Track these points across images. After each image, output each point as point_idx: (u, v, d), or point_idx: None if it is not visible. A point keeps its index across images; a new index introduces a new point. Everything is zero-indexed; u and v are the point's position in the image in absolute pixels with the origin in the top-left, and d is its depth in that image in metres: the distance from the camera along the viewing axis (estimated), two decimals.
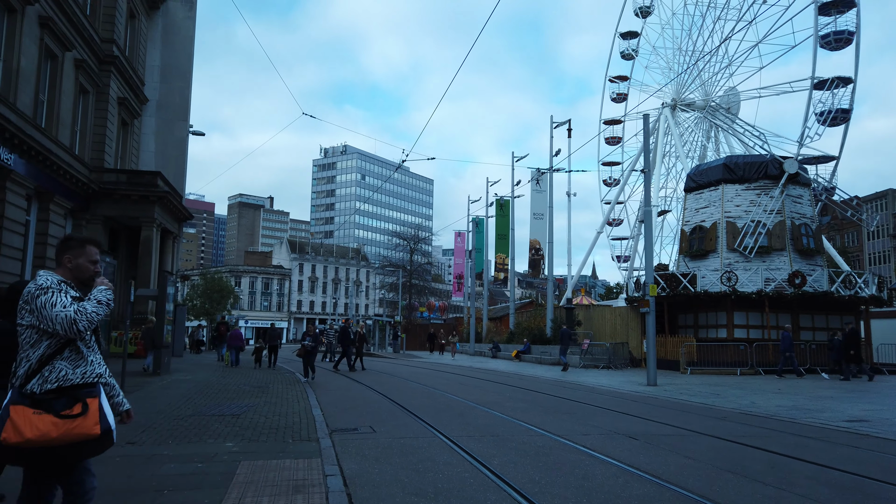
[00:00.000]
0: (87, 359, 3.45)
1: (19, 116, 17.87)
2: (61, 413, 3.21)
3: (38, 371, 3.29)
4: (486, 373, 22.80)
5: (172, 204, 26.59)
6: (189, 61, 30.74)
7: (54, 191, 20.76)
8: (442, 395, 13.92)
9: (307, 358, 18.56)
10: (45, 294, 3.33)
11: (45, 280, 3.42)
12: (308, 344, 18.94)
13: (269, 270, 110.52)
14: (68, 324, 3.23)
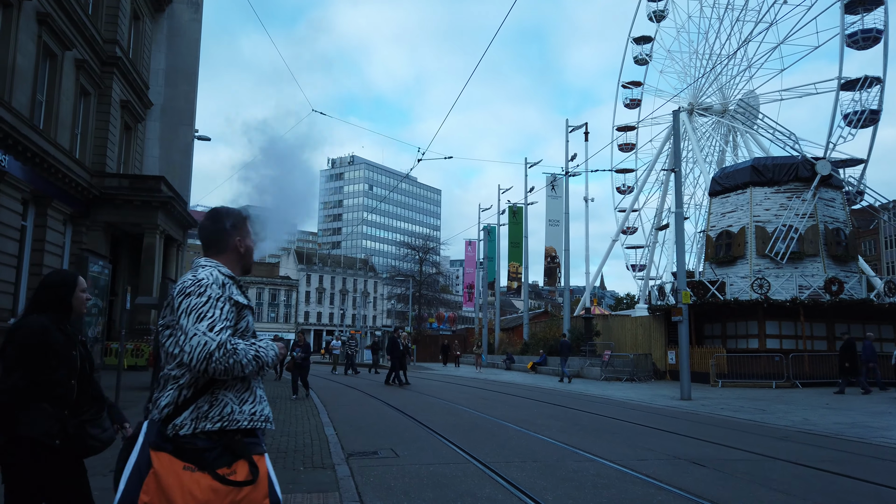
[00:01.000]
0: (255, 391, 2.46)
1: (15, 116, 16.94)
2: (224, 476, 2.23)
3: (192, 400, 2.31)
4: (504, 385, 21.62)
5: (177, 210, 25.62)
6: (195, 65, 29.89)
7: (52, 195, 19.80)
8: (465, 412, 12.76)
9: (298, 372, 16.10)
10: (199, 297, 2.33)
11: (209, 275, 2.41)
12: (299, 356, 16.15)
13: (276, 281, 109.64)
14: (200, 357, 2.22)
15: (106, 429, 3.12)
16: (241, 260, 2.63)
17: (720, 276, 24.62)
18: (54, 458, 2.85)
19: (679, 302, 17.53)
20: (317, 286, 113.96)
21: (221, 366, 2.22)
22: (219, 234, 2.59)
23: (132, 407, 11.67)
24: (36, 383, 2.83)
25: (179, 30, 29.47)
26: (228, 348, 2.24)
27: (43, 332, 2.90)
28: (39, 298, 3.04)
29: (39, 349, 2.86)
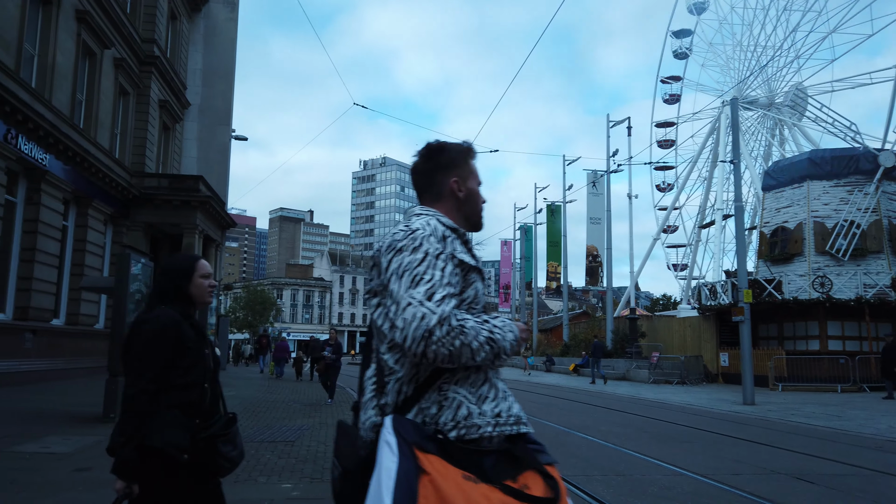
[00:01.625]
0: (495, 384, 1.77)
1: (55, 115, 16.79)
2: (521, 491, 1.54)
3: (414, 400, 1.68)
4: (551, 388, 20.84)
5: (215, 210, 25.41)
6: (231, 64, 29.75)
7: (93, 195, 19.67)
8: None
9: (328, 374, 14.55)
10: (413, 253, 1.69)
11: (424, 224, 1.77)
12: (329, 356, 14.55)
13: (311, 283, 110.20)
14: (417, 335, 1.57)
15: (237, 446, 2.62)
16: (461, 208, 1.95)
17: (776, 275, 23.44)
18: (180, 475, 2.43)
19: (740, 301, 16.54)
20: (350, 287, 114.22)
21: (445, 349, 1.56)
22: (430, 175, 1.95)
23: None
24: (166, 387, 2.43)
25: (216, 29, 29.35)
26: (454, 325, 1.57)
27: (174, 326, 2.48)
28: (162, 287, 2.63)
29: (170, 347, 2.45)
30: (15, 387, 14.34)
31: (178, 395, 2.44)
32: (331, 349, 14.69)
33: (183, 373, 2.47)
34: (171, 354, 2.45)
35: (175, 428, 2.39)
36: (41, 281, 16.43)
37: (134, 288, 10.29)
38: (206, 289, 2.66)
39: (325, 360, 14.55)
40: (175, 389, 2.44)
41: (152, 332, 2.46)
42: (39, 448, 7.32)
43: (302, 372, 25.33)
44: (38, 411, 10.49)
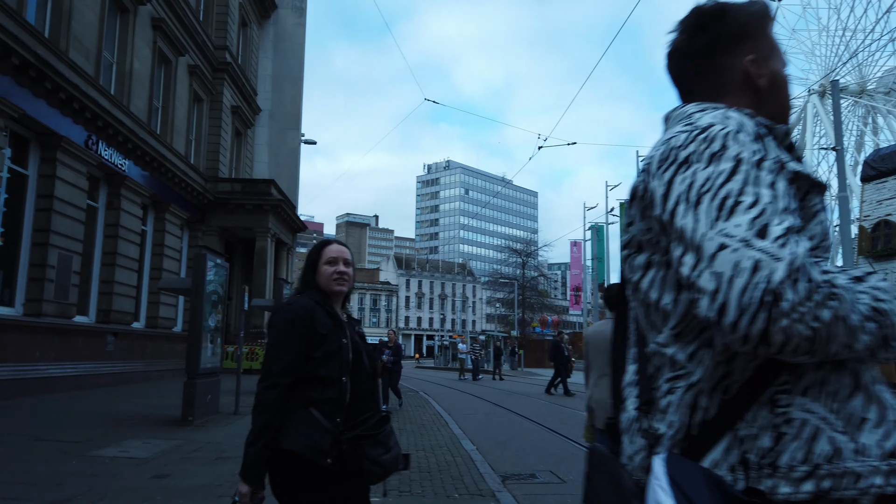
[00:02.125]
0: (879, 397, 0.96)
1: (133, 121, 17.07)
2: None
3: (724, 424, 0.95)
4: None
5: (286, 213, 25.57)
6: (300, 69, 29.99)
7: (170, 200, 19.99)
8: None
9: (388, 378, 13.46)
10: (715, 163, 0.96)
11: (722, 119, 1.02)
12: (388, 359, 13.39)
13: (377, 287, 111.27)
14: (750, 294, 0.84)
15: (390, 448, 2.32)
16: (762, 103, 1.15)
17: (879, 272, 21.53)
18: (324, 482, 2.15)
19: None
20: (416, 291, 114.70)
21: (804, 327, 0.84)
22: (708, 56, 1.19)
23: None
24: (301, 381, 2.22)
25: (285, 35, 29.65)
26: (818, 280, 0.85)
27: (306, 314, 2.27)
28: (302, 275, 2.51)
29: (300, 336, 2.24)
30: (97, 389, 14.54)
31: (314, 391, 2.20)
32: (390, 352, 13.57)
33: (318, 365, 2.21)
34: (304, 344, 2.22)
35: (313, 428, 2.14)
36: (122, 284, 16.70)
37: (210, 288, 10.09)
38: (331, 276, 2.40)
39: (384, 364, 13.15)
40: (311, 384, 2.20)
41: (283, 321, 2.28)
42: (119, 452, 7.09)
43: None
44: (119, 414, 10.43)
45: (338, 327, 2.33)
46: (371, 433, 2.23)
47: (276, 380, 2.17)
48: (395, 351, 13.52)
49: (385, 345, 13.82)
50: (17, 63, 11.69)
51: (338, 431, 2.17)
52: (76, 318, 14.63)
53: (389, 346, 13.70)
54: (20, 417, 9.51)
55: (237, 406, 11.01)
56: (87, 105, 14.25)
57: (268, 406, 2.15)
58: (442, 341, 67.89)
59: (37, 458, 6.56)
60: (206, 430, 8.97)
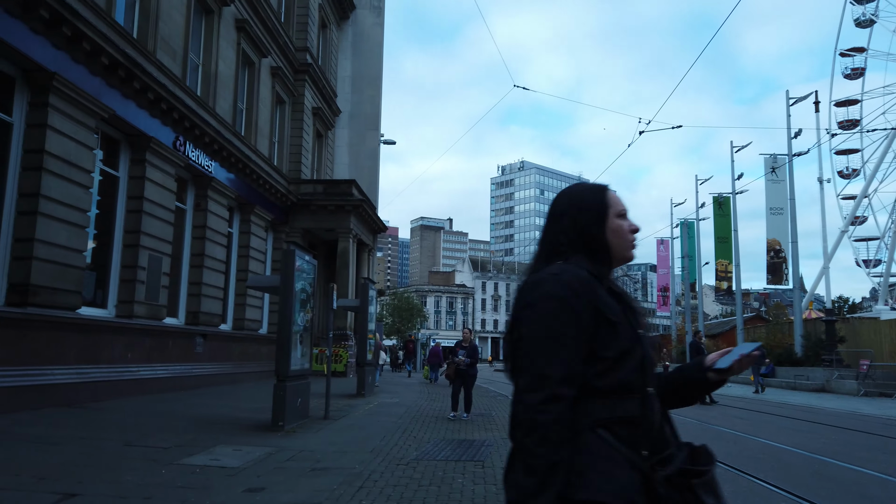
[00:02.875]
0: None
1: (219, 122, 17.03)
2: None
3: None
4: (747, 402, 18.14)
5: (367, 214, 25.26)
6: (378, 68, 29.74)
7: (255, 202, 19.96)
8: (743, 438, 9.98)
9: (462, 382, 11.50)
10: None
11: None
12: (462, 361, 11.53)
13: (453, 289, 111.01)
14: None
15: (720, 497, 1.47)
16: None
17: None
18: None
19: None
20: (492, 294, 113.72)
21: None
22: None
23: (342, 417, 10.39)
24: (586, 392, 1.44)
25: (363, 35, 29.48)
26: None
27: (586, 290, 1.48)
28: (557, 237, 1.63)
29: (583, 324, 1.45)
30: (186, 391, 14.44)
31: (604, 407, 1.44)
32: (465, 353, 11.65)
33: (610, 368, 1.45)
34: (588, 336, 1.45)
35: (615, 463, 1.37)
36: (210, 286, 16.65)
37: (299, 286, 9.58)
38: (628, 236, 1.63)
39: (457, 364, 11.49)
40: (598, 396, 1.45)
41: (551, 299, 1.46)
42: (209, 460, 6.58)
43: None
44: (208, 417, 10.07)
45: (629, 312, 1.53)
46: (699, 469, 1.44)
47: (556, 389, 1.39)
48: (470, 352, 11.67)
49: (460, 345, 11.95)
50: (106, 63, 11.62)
51: (648, 468, 1.40)
52: (166, 320, 14.59)
53: (464, 346, 11.79)
54: (113, 420, 9.27)
55: (327, 410, 10.46)
56: (174, 105, 14.19)
57: (551, 431, 1.36)
58: None
59: (127, 467, 6.11)
60: (298, 436, 8.42)
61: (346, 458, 6.95)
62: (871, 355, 22.19)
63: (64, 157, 10.69)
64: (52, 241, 10.40)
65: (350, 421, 10.27)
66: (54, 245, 10.44)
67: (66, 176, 10.75)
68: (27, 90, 10.40)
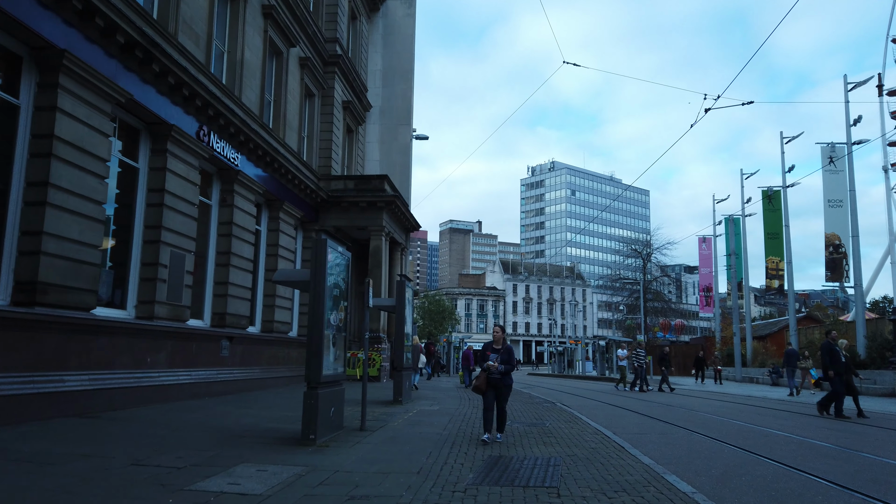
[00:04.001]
0: None
1: (245, 113, 16.10)
2: None
3: None
4: (811, 408, 16.57)
5: (400, 210, 24.20)
6: (410, 61, 28.73)
7: (283, 198, 19.03)
8: (831, 449, 8.59)
9: (495, 394, 8.63)
10: None
11: None
12: (496, 367, 8.55)
13: (484, 292, 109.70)
14: None
15: None
16: None
17: None
18: None
19: None
20: (523, 296, 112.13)
21: None
22: None
23: (379, 427, 9.25)
24: None
25: (394, 27, 28.50)
26: None
27: None
28: None
29: None
30: (211, 397, 13.50)
31: None
32: (497, 356, 8.70)
33: None
34: None
35: None
36: (237, 286, 15.72)
37: (331, 281, 8.50)
38: None
39: (490, 372, 8.58)
40: None
41: None
42: (227, 485, 5.49)
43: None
44: (232, 428, 9.04)
45: None
46: None
47: None
48: (504, 356, 8.62)
49: (490, 347, 8.90)
50: (122, 42, 10.72)
51: None
52: (189, 322, 13.66)
53: (496, 349, 8.79)
54: (126, 432, 8.28)
55: (363, 421, 9.34)
56: (197, 92, 13.28)
57: None
58: (555, 347, 64.95)
59: (127, 494, 5.06)
60: (332, 452, 7.31)
61: (389, 482, 5.81)
62: None
63: (76, 143, 9.79)
64: (64, 234, 9.50)
65: (389, 433, 9.13)
66: (65, 239, 9.53)
67: (79, 164, 9.85)
68: (35, 70, 9.53)
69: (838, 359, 13.49)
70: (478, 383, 8.68)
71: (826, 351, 13.83)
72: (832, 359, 13.54)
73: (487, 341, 9.30)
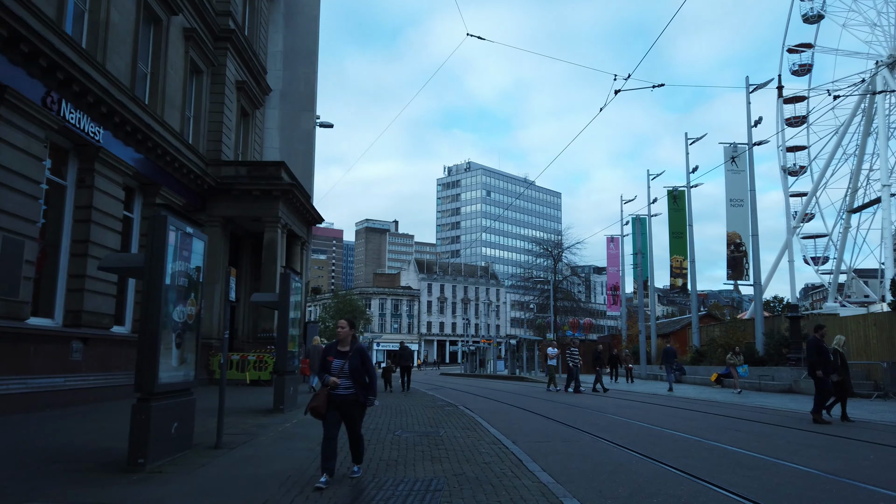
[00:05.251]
0: None
1: (110, 82, 14.09)
2: None
3: None
4: (723, 408, 16.30)
5: (299, 201, 22.49)
6: (314, 44, 27.03)
7: (162, 182, 17.00)
8: (736, 455, 7.87)
9: (340, 417, 6.12)
10: None
11: None
12: (335, 382, 6.02)
13: (398, 292, 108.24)
14: None
15: None
16: None
17: None
18: None
19: None
20: (438, 296, 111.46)
21: None
22: None
23: (246, 441, 7.74)
24: None
25: (297, 6, 26.72)
26: None
27: None
28: None
29: None
30: (57, 409, 11.52)
31: None
32: (343, 363, 6.18)
33: None
34: None
35: None
36: (97, 280, 13.67)
37: (176, 269, 6.99)
38: None
39: (329, 388, 6.08)
40: None
41: None
42: None
43: (391, 382, 22.23)
44: (52, 449, 7.35)
45: None
46: None
47: None
48: (354, 361, 6.11)
49: (334, 349, 6.30)
50: None
51: None
52: (31, 321, 11.61)
53: (342, 352, 6.22)
54: None
55: (219, 437, 7.83)
56: (41, 50, 11.27)
57: None
58: (468, 347, 64.50)
59: None
60: (160, 481, 5.81)
61: None
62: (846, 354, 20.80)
63: None
64: None
65: (250, 451, 7.66)
66: None
67: None
68: None
69: (827, 357, 12.50)
70: (314, 404, 5.98)
71: (814, 348, 12.67)
72: (820, 357, 12.47)
73: (331, 343, 6.39)
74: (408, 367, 22.51)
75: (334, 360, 6.13)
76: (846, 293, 43.58)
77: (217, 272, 20.20)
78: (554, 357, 24.01)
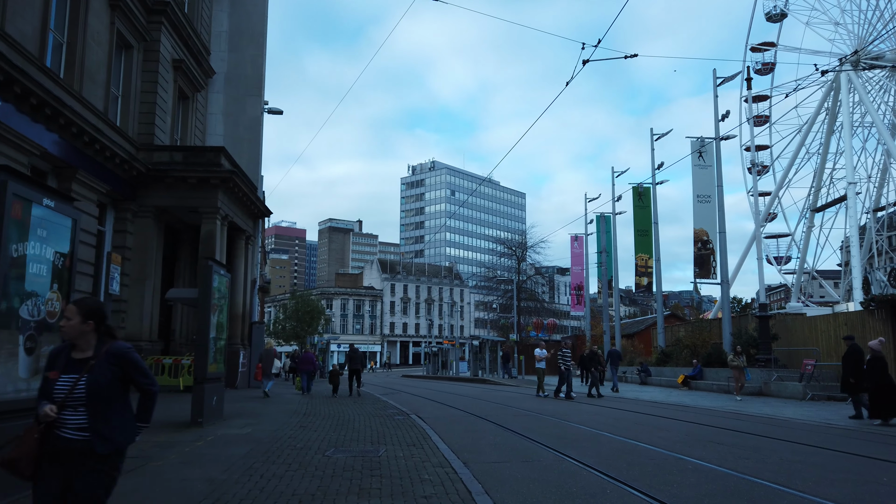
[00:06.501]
0: None
1: (10, 47, 12.25)
2: None
3: None
4: (692, 413, 15.20)
5: (242, 191, 20.74)
6: (262, 24, 25.26)
7: (78, 165, 15.15)
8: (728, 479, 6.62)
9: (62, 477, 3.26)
10: None
11: None
12: (52, 413, 3.24)
13: (360, 292, 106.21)
14: None
15: None
16: None
17: None
18: None
19: None
20: (401, 296, 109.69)
21: None
22: None
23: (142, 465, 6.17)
24: None
25: None
26: None
27: None
28: None
29: None
30: None
31: None
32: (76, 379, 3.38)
33: None
34: None
35: None
36: None
37: (27, 252, 5.41)
38: None
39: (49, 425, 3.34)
40: None
41: None
42: None
43: (338, 387, 20.60)
44: None
45: None
46: None
47: None
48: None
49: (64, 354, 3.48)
50: None
51: None
52: None
53: (79, 361, 3.43)
54: None
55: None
56: None
57: None
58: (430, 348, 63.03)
59: None
60: None
61: None
62: (816, 354, 20.02)
63: None
64: None
65: (132, 482, 6.07)
66: None
67: None
68: None
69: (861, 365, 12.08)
70: (12, 454, 3.27)
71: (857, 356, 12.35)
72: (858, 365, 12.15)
73: (59, 346, 3.58)
74: (356, 370, 21.05)
75: (60, 377, 3.38)
76: (808, 292, 43.51)
77: (149, 268, 18.40)
78: (542, 359, 21.24)
